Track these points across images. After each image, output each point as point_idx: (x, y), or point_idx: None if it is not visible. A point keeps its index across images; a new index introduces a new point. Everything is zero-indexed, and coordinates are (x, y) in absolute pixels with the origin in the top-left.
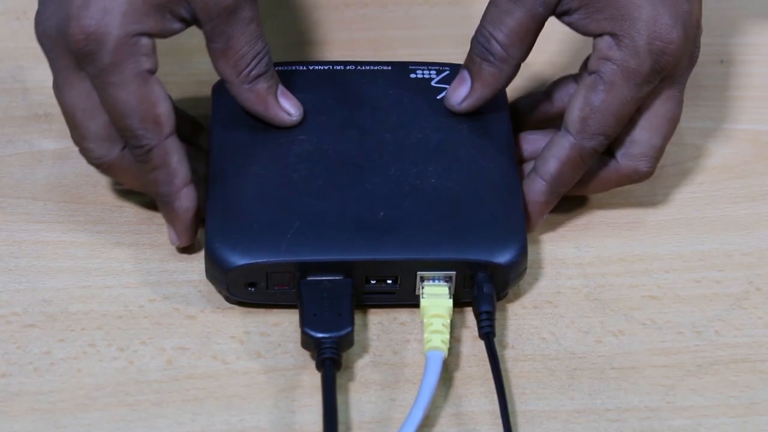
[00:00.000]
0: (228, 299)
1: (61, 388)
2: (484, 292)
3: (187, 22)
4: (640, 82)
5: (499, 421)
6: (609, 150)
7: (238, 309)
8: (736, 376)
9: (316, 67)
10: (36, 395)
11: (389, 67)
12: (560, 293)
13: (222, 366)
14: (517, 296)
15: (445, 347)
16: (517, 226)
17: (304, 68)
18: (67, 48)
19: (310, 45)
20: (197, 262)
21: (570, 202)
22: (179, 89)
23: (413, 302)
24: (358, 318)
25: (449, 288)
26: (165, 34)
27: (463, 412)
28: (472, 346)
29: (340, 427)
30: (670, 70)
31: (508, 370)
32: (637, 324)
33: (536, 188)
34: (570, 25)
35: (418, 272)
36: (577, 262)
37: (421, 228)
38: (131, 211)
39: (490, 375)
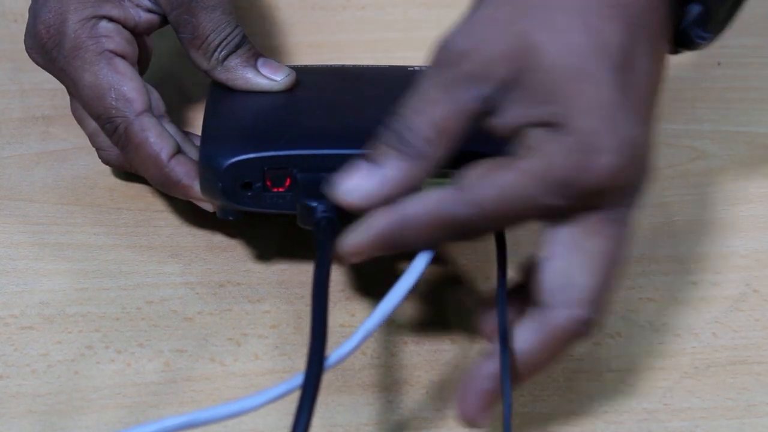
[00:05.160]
0: (223, 213)
1: (58, 390)
2: None
3: (156, 13)
4: (548, 186)
5: (498, 422)
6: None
7: (235, 310)
8: (734, 379)
9: (315, 65)
10: (33, 397)
11: (387, 65)
12: None
13: (219, 368)
14: None
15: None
16: None
17: (302, 66)
18: (43, 50)
19: (308, 46)
20: (195, 264)
21: None
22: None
23: None
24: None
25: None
26: (132, 22)
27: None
28: (470, 348)
29: (338, 429)
30: (594, 198)
31: None
32: (634, 326)
33: None
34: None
35: None
36: None
37: None
38: (129, 213)
39: None
